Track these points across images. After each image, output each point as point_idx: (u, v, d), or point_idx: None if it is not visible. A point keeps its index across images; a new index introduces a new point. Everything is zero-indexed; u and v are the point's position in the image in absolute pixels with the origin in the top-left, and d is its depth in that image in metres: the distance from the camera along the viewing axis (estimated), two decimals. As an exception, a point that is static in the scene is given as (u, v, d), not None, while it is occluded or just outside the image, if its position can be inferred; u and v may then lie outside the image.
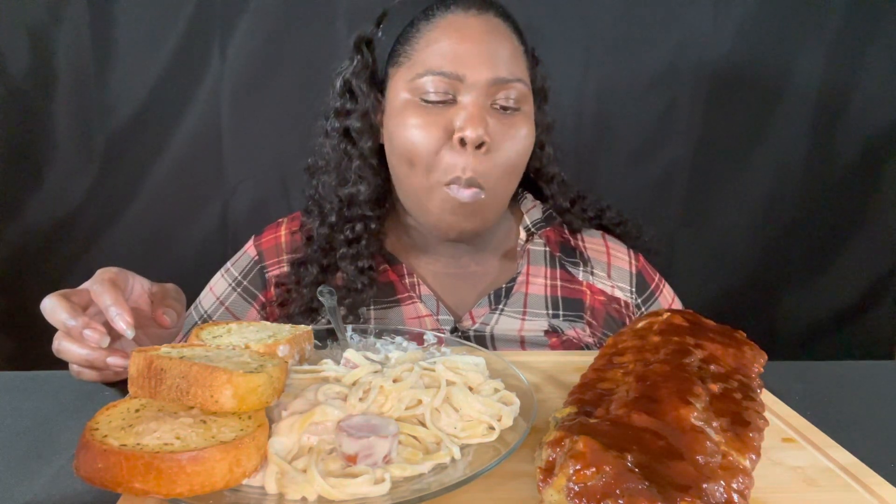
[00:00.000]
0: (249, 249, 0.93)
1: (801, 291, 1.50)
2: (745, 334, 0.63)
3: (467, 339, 0.84)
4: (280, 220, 0.96)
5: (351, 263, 0.84)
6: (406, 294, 0.86)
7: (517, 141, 0.78)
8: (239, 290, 0.90)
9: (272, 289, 0.90)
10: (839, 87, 1.39)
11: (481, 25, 0.77)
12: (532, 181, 0.95)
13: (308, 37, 1.29)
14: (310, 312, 0.84)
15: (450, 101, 0.76)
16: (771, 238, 1.47)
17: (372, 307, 0.86)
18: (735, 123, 1.40)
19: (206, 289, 0.93)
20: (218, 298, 0.91)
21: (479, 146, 0.75)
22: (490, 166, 0.76)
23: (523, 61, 0.81)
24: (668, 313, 0.64)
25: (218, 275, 0.93)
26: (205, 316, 0.90)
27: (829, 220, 1.47)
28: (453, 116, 0.76)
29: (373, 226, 0.85)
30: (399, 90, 0.79)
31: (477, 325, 0.85)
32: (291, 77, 1.30)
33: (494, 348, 0.84)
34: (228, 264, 0.93)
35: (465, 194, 0.76)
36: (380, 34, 0.84)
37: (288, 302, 0.86)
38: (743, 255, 1.48)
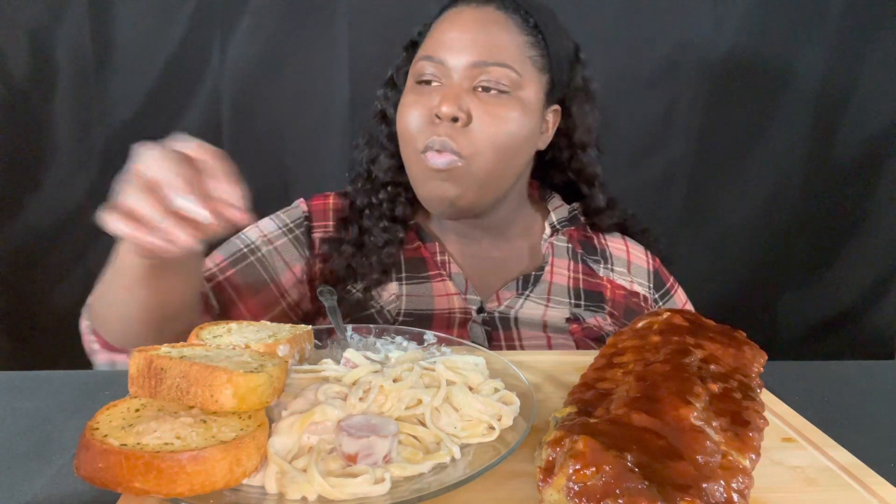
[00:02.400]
0: (301, 205, 0.94)
1: (801, 291, 1.50)
2: (745, 334, 0.63)
3: (492, 319, 0.87)
4: (327, 193, 0.98)
5: (374, 223, 0.90)
6: (436, 271, 0.89)
7: (500, 121, 0.80)
8: (290, 236, 0.91)
9: (316, 249, 0.91)
10: (839, 86, 1.39)
11: (474, 15, 0.83)
12: (571, 180, 0.98)
13: (308, 37, 1.29)
14: (350, 270, 0.87)
15: (437, 84, 0.83)
16: (771, 238, 1.47)
17: (404, 283, 0.88)
18: (735, 122, 1.40)
19: (251, 225, 0.90)
20: (266, 236, 0.89)
21: (454, 121, 0.79)
22: (468, 139, 0.80)
23: (520, 50, 0.82)
24: (668, 313, 0.64)
25: (266, 219, 0.92)
26: (252, 246, 0.88)
27: (829, 220, 1.47)
28: (435, 96, 0.81)
29: (389, 189, 0.91)
30: (409, 80, 0.87)
31: (502, 308, 0.88)
32: (291, 77, 1.30)
33: (518, 330, 0.86)
34: (278, 212, 0.94)
35: (440, 160, 0.80)
36: (424, 32, 0.90)
37: (331, 256, 0.89)
38: (743, 255, 1.48)
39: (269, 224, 0.91)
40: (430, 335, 0.70)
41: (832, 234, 1.48)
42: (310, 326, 0.63)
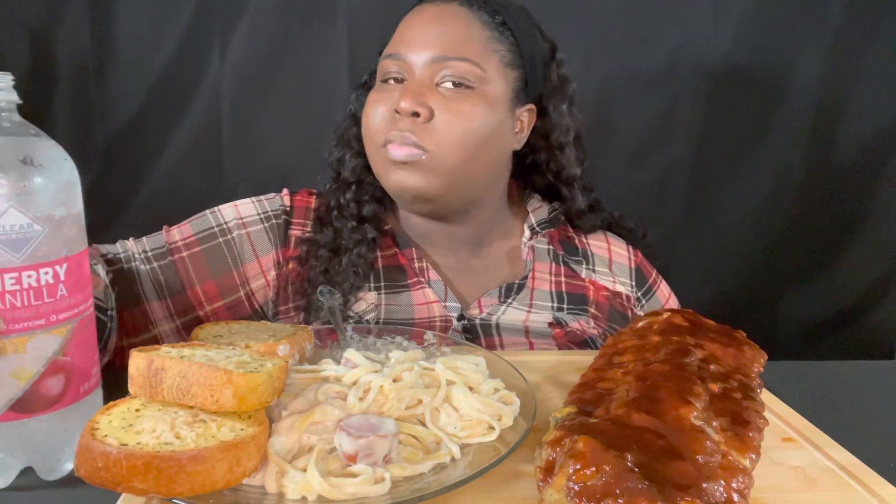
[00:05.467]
0: (285, 197, 0.93)
1: (801, 291, 1.50)
2: (745, 334, 0.63)
3: (473, 327, 0.85)
4: (313, 189, 0.97)
5: (343, 224, 0.89)
6: (415, 279, 0.88)
7: (463, 116, 0.79)
8: (266, 224, 0.89)
9: (291, 247, 0.89)
10: (839, 87, 1.39)
11: (435, 11, 0.83)
12: (551, 182, 0.96)
13: (308, 37, 1.29)
14: (326, 276, 0.86)
15: (400, 82, 0.82)
16: (771, 238, 1.47)
17: (383, 292, 0.86)
18: (735, 123, 1.40)
19: (229, 204, 0.90)
20: (242, 219, 0.88)
21: (415, 116, 0.79)
22: (430, 134, 0.79)
23: (482, 45, 0.81)
24: (668, 313, 0.64)
25: (247, 199, 0.91)
26: (224, 227, 0.87)
27: (829, 220, 1.46)
28: (398, 93, 0.80)
29: (355, 189, 0.91)
30: (376, 79, 0.87)
31: (483, 315, 0.87)
32: (291, 77, 1.30)
33: (500, 337, 0.85)
34: (260, 197, 0.92)
35: (400, 152, 0.79)
36: None
37: (308, 260, 0.87)
38: (743, 255, 1.48)
39: (247, 207, 0.90)
40: (429, 335, 0.71)
41: (832, 234, 1.47)
42: (310, 326, 0.63)
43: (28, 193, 0.46)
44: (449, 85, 0.80)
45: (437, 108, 0.79)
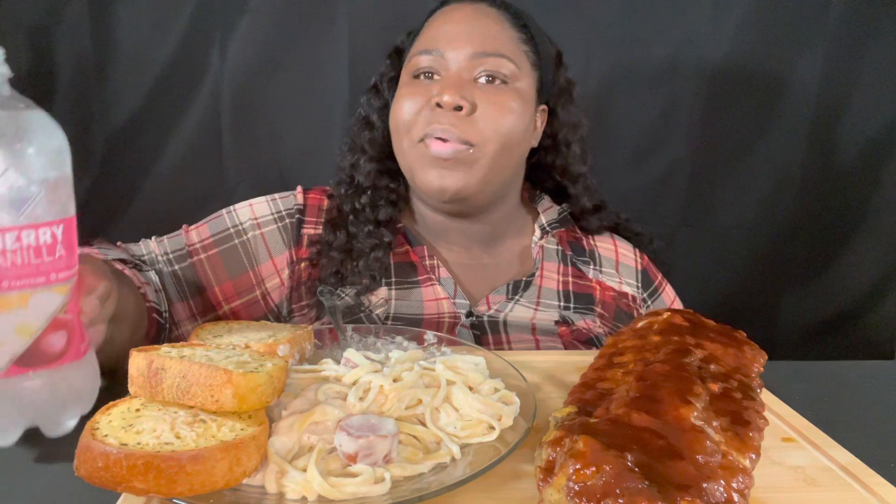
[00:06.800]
0: (298, 195, 0.94)
1: (801, 291, 1.50)
2: (745, 334, 0.63)
3: (481, 323, 0.86)
4: (326, 187, 0.97)
5: (359, 228, 0.89)
6: (426, 276, 0.89)
7: (504, 110, 0.81)
8: (279, 224, 0.90)
9: (304, 246, 0.90)
10: (839, 87, 1.39)
11: (469, 10, 0.85)
12: (557, 182, 0.98)
13: (308, 37, 1.29)
14: (338, 276, 0.86)
15: (435, 77, 0.83)
16: (771, 238, 1.47)
17: (393, 287, 0.87)
18: (735, 123, 1.40)
19: (245, 203, 0.91)
20: (257, 219, 0.89)
21: (458, 109, 0.79)
22: (474, 128, 0.79)
23: (515, 44, 0.84)
24: (668, 313, 0.64)
25: (262, 198, 0.92)
26: (239, 228, 0.88)
27: (829, 220, 1.46)
28: (435, 87, 0.81)
29: (371, 193, 0.91)
30: (403, 77, 0.88)
31: (491, 312, 0.87)
32: (291, 77, 1.30)
33: (507, 334, 0.86)
34: (275, 195, 0.93)
35: (444, 149, 0.79)
36: (407, 41, 0.91)
37: (319, 261, 0.88)
38: (743, 255, 1.48)
39: (262, 207, 0.91)
40: (430, 335, 0.71)
41: (832, 234, 1.48)
42: (310, 326, 0.63)
43: (24, 157, 0.48)
44: (484, 80, 0.81)
45: (479, 102, 0.80)
